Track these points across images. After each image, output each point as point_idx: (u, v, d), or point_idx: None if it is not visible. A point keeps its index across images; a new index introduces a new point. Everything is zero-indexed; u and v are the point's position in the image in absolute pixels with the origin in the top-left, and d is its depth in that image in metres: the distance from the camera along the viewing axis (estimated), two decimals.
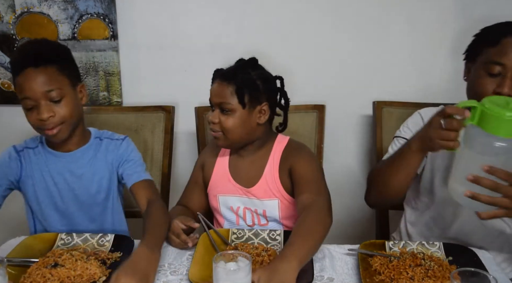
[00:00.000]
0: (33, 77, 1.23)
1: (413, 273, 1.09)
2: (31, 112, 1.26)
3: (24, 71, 1.23)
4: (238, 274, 0.96)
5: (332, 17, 1.86)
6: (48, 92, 1.24)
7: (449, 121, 1.03)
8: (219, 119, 1.37)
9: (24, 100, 1.25)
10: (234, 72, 1.38)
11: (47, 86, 1.24)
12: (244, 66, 1.41)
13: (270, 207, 1.43)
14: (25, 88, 1.23)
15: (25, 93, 1.23)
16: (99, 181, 1.40)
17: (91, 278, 1.09)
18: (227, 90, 1.36)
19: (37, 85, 1.23)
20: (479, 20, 1.82)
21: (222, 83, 1.37)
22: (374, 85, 1.91)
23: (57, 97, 1.26)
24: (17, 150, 1.40)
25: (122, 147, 1.43)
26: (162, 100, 1.88)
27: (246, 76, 1.37)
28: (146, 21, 1.88)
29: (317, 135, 1.81)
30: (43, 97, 1.24)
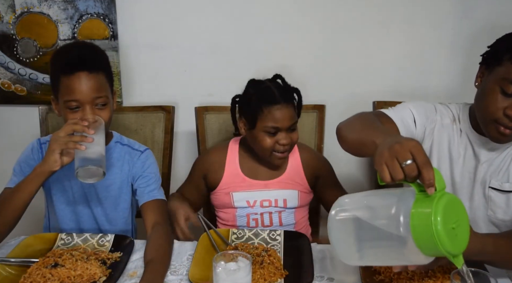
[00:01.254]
0: (86, 81, 1.23)
1: (413, 273, 1.09)
2: (74, 113, 1.25)
3: (77, 73, 1.23)
4: (238, 274, 0.96)
5: (332, 17, 1.86)
6: (96, 98, 1.25)
7: (412, 168, 0.86)
8: (290, 138, 1.42)
9: (69, 102, 1.24)
10: (288, 92, 1.44)
11: (97, 93, 1.25)
12: (285, 84, 1.47)
13: (290, 196, 1.50)
14: (75, 91, 1.23)
15: (75, 96, 1.23)
16: (109, 186, 1.39)
17: (91, 278, 1.09)
18: (293, 110, 1.43)
19: (88, 90, 1.24)
20: (479, 21, 1.83)
21: (288, 106, 1.41)
22: (374, 85, 1.91)
23: (103, 104, 1.27)
24: (41, 142, 1.40)
25: (140, 161, 1.41)
26: (162, 100, 1.88)
27: (293, 90, 1.47)
28: (146, 21, 1.88)
29: (317, 135, 1.81)
30: (90, 102, 1.24)
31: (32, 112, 1.84)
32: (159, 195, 1.39)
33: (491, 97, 1.15)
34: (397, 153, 0.88)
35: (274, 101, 1.38)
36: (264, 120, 1.39)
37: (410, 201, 0.87)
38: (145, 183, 1.39)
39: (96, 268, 1.11)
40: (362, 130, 1.12)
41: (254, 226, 1.51)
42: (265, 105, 1.38)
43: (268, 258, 1.15)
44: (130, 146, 1.43)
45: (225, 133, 1.79)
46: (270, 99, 1.39)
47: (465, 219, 0.89)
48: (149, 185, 1.39)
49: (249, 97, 1.44)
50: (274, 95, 1.39)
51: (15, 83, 1.95)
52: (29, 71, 1.93)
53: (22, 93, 1.96)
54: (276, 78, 1.47)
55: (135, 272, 1.16)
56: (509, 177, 1.24)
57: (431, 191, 0.84)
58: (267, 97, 1.40)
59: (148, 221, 1.32)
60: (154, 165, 1.44)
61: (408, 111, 1.30)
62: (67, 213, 1.41)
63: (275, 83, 1.45)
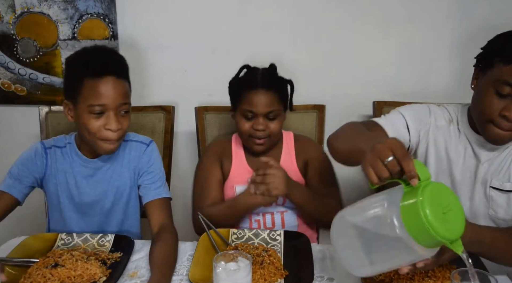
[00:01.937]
0: (114, 86, 1.21)
1: (413, 273, 1.09)
2: (97, 119, 1.21)
3: (105, 78, 1.20)
4: (238, 274, 0.96)
5: (332, 17, 1.86)
6: (122, 104, 1.23)
7: (393, 164, 0.88)
8: (266, 125, 1.42)
9: (94, 106, 1.20)
10: (272, 79, 1.44)
11: (123, 99, 1.23)
12: (273, 72, 1.48)
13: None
14: (102, 95, 1.19)
15: (101, 100, 1.20)
16: (119, 188, 1.37)
17: (91, 278, 1.09)
18: (273, 98, 1.41)
19: (116, 96, 1.21)
20: (479, 20, 1.83)
21: (267, 92, 1.40)
22: (374, 85, 1.91)
23: (127, 109, 1.26)
24: (45, 146, 1.36)
25: (146, 155, 1.38)
26: (162, 100, 1.88)
27: (282, 82, 1.47)
28: (146, 21, 1.88)
29: (317, 135, 1.81)
30: (115, 108, 1.22)
31: (32, 112, 1.84)
32: (165, 192, 1.36)
33: (486, 99, 1.16)
34: (379, 152, 0.90)
35: (253, 85, 1.40)
36: (242, 103, 1.42)
37: (399, 198, 0.88)
38: (150, 180, 1.36)
39: (96, 268, 1.11)
40: (350, 140, 1.14)
41: (257, 227, 1.50)
42: (245, 88, 1.42)
43: (268, 258, 1.15)
44: (134, 140, 1.40)
45: (225, 133, 1.79)
46: (250, 83, 1.41)
47: (456, 204, 0.89)
48: (154, 182, 1.36)
49: (235, 81, 1.49)
50: (256, 80, 1.41)
51: (15, 83, 1.95)
52: (29, 71, 1.93)
53: (22, 93, 1.96)
54: (270, 67, 1.50)
55: (135, 272, 1.16)
56: (510, 177, 1.24)
57: (414, 182, 0.85)
58: (248, 81, 1.43)
59: (154, 221, 1.30)
60: (159, 159, 1.41)
61: (399, 117, 1.32)
62: (78, 219, 1.39)
63: (265, 70, 1.47)
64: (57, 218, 1.41)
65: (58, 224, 1.41)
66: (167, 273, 1.12)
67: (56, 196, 1.37)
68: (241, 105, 1.42)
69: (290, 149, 1.55)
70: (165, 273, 1.12)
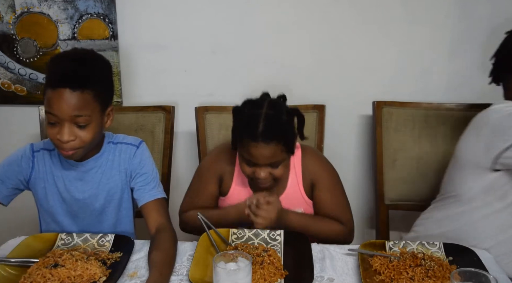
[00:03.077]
0: (66, 99, 1.16)
1: (413, 273, 1.09)
2: (53, 127, 1.20)
3: (58, 89, 1.16)
4: (238, 274, 0.96)
5: (332, 17, 1.86)
6: (76, 116, 1.19)
7: None
8: (269, 173, 1.32)
9: (48, 114, 1.19)
10: (275, 128, 1.28)
11: (77, 111, 1.18)
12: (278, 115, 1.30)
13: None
14: (53, 106, 1.17)
15: (53, 111, 1.17)
16: (110, 190, 1.36)
17: (91, 278, 1.09)
18: (276, 149, 1.28)
19: (67, 108, 1.17)
20: (479, 20, 1.83)
21: (269, 145, 1.26)
22: (374, 85, 1.91)
23: (83, 123, 1.20)
24: (34, 149, 1.36)
25: (137, 157, 1.36)
26: (162, 100, 1.88)
27: (285, 127, 1.31)
28: (146, 21, 1.88)
29: (317, 135, 1.81)
30: (69, 120, 1.18)
31: (32, 112, 1.84)
32: (160, 193, 1.35)
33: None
34: None
35: (253, 137, 1.26)
36: (243, 149, 1.31)
37: None
38: (143, 182, 1.35)
39: (96, 268, 1.11)
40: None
41: None
42: (245, 137, 1.29)
43: (268, 258, 1.15)
44: (123, 142, 1.38)
45: (225, 133, 1.79)
46: (250, 134, 1.27)
47: None
48: (148, 183, 1.35)
49: (237, 119, 1.36)
50: (256, 131, 1.25)
51: (15, 83, 1.95)
52: (29, 71, 1.93)
53: (22, 93, 1.96)
54: (280, 99, 1.37)
55: (135, 272, 1.16)
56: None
57: None
58: (248, 130, 1.28)
59: (152, 222, 1.30)
60: (150, 159, 1.39)
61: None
62: (69, 222, 1.38)
63: (268, 111, 1.29)
64: (48, 221, 1.41)
65: (49, 226, 1.41)
66: (165, 273, 1.12)
67: (46, 199, 1.36)
68: (242, 150, 1.32)
69: (297, 169, 1.44)
70: (163, 273, 1.12)
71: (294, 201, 1.44)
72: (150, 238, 1.27)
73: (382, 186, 1.80)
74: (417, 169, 1.79)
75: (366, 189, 2.02)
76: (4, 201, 1.35)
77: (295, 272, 1.13)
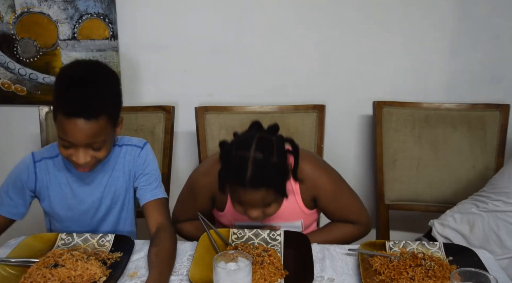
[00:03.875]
0: (81, 128, 1.14)
1: (413, 273, 1.09)
2: (67, 149, 1.19)
3: (72, 119, 1.13)
4: (238, 274, 0.96)
5: (332, 17, 1.86)
6: (92, 143, 1.19)
7: None
8: (262, 213, 1.24)
9: (62, 139, 1.18)
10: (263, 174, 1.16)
11: (93, 138, 1.17)
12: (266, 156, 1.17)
13: (294, 226, 1.43)
14: (68, 134, 1.15)
15: (68, 138, 1.16)
16: (116, 191, 1.37)
17: (92, 278, 1.09)
18: (266, 194, 1.19)
19: (83, 137, 1.16)
20: (479, 20, 1.83)
21: (258, 191, 1.17)
22: (374, 85, 1.91)
23: (99, 146, 1.21)
24: (35, 160, 1.34)
25: (141, 158, 1.36)
26: (162, 100, 1.88)
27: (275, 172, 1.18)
28: (146, 21, 1.88)
29: (317, 135, 1.81)
30: (84, 145, 1.18)
31: (32, 112, 1.84)
32: (161, 193, 1.36)
33: None
34: None
35: (241, 184, 1.16)
36: (232, 192, 1.24)
37: None
38: (146, 181, 1.36)
39: (96, 268, 1.11)
40: None
41: None
42: (234, 182, 1.19)
43: (268, 258, 1.15)
44: (128, 144, 1.38)
45: (225, 133, 1.79)
46: (238, 180, 1.16)
47: None
48: (150, 183, 1.36)
49: (225, 160, 1.22)
50: (244, 177, 1.14)
51: (15, 83, 1.95)
52: (29, 71, 1.93)
53: (22, 93, 1.96)
54: (272, 131, 1.24)
55: (136, 272, 1.16)
56: None
57: None
58: (236, 175, 1.16)
59: (152, 221, 1.30)
60: (154, 160, 1.40)
61: None
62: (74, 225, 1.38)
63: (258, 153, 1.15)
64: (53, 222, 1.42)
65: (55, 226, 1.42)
66: (164, 273, 1.12)
67: (50, 207, 1.37)
68: (231, 192, 1.25)
69: (294, 185, 1.37)
70: (163, 272, 1.12)
71: (291, 214, 1.40)
72: (150, 237, 1.27)
73: (382, 186, 1.80)
74: (417, 169, 1.79)
75: (366, 189, 2.02)
76: (19, 217, 1.35)
77: (295, 272, 1.13)
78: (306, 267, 1.14)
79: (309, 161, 1.38)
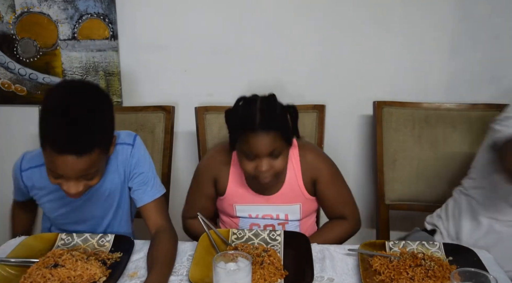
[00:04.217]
0: (72, 163, 1.08)
1: (413, 273, 1.09)
2: (56, 179, 1.14)
3: (63, 156, 1.06)
4: (238, 275, 0.96)
5: (332, 17, 1.86)
6: (84, 175, 1.13)
7: None
8: (270, 165, 1.32)
9: (51, 171, 1.12)
10: (272, 118, 1.31)
11: (85, 171, 1.11)
12: (272, 107, 1.34)
13: (292, 210, 1.47)
14: (58, 169, 1.09)
15: (58, 172, 1.10)
16: (111, 193, 1.34)
17: (91, 278, 1.09)
18: (275, 137, 1.30)
19: (75, 172, 1.10)
20: (479, 20, 1.83)
21: (268, 134, 1.29)
22: (374, 85, 1.91)
23: (92, 177, 1.16)
24: (21, 169, 1.33)
25: (134, 157, 1.31)
26: (162, 100, 1.88)
27: (281, 118, 1.34)
28: (146, 21, 1.88)
29: (317, 135, 1.81)
30: (76, 177, 1.13)
31: (32, 112, 1.84)
32: (158, 192, 1.34)
33: None
34: None
35: (252, 128, 1.28)
36: (242, 144, 1.32)
37: None
38: (141, 182, 1.33)
39: (96, 268, 1.11)
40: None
41: None
42: (243, 130, 1.31)
43: (268, 258, 1.15)
44: (119, 143, 1.31)
45: (225, 133, 1.78)
46: (248, 127, 1.29)
47: None
48: (146, 183, 1.33)
49: (232, 117, 1.37)
50: (254, 122, 1.28)
51: (15, 83, 1.95)
52: (29, 71, 1.93)
53: (22, 93, 1.96)
54: (270, 97, 1.36)
55: (135, 272, 1.16)
56: None
57: None
58: (246, 123, 1.30)
59: (151, 223, 1.30)
60: (146, 156, 1.35)
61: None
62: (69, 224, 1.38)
63: (263, 104, 1.32)
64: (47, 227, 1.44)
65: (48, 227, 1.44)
66: (164, 273, 1.12)
67: (44, 209, 1.38)
68: (241, 146, 1.33)
69: (296, 165, 1.46)
70: (162, 272, 1.12)
71: (292, 196, 1.45)
72: (150, 238, 1.27)
73: (382, 186, 1.80)
74: (417, 169, 1.79)
75: (366, 189, 2.02)
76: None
77: (295, 272, 1.13)
78: (306, 267, 1.14)
79: (311, 149, 1.51)
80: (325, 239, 1.36)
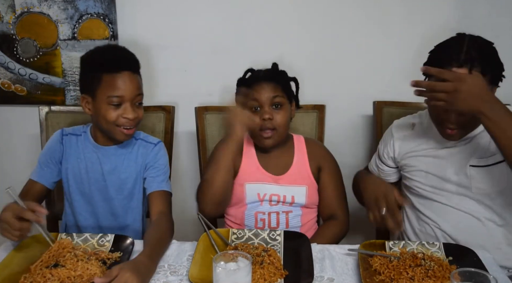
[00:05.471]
0: (130, 80, 1.36)
1: (413, 273, 1.09)
2: (115, 110, 1.35)
3: (122, 72, 1.35)
4: (238, 274, 0.96)
5: (332, 17, 1.86)
6: (137, 96, 1.38)
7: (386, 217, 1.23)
8: (271, 115, 1.45)
9: (112, 97, 1.34)
10: (275, 72, 1.54)
11: (138, 91, 1.38)
12: (275, 68, 1.56)
13: (299, 193, 1.53)
14: (120, 88, 1.34)
15: (120, 92, 1.34)
16: (124, 179, 1.46)
17: (91, 278, 1.08)
18: (277, 87, 1.48)
19: (132, 88, 1.36)
20: (479, 21, 1.83)
21: (271, 83, 1.48)
22: (374, 85, 1.91)
23: (140, 101, 1.40)
24: (63, 133, 1.49)
25: (153, 152, 1.48)
26: (162, 100, 1.88)
27: (285, 76, 1.55)
28: (146, 21, 1.88)
29: (317, 135, 1.81)
30: (131, 99, 1.36)
31: (32, 112, 1.84)
32: (167, 187, 1.45)
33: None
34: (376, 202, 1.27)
35: (257, 79, 1.49)
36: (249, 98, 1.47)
37: None
38: (155, 173, 1.45)
39: (96, 268, 1.11)
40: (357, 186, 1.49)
41: (261, 227, 1.52)
42: (249, 84, 1.50)
43: (268, 258, 1.15)
44: (144, 140, 1.50)
45: (225, 133, 1.79)
46: (254, 79, 1.51)
47: None
48: (158, 176, 1.45)
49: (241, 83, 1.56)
50: (258, 74, 1.52)
51: (15, 83, 1.95)
52: (29, 71, 1.93)
53: (22, 93, 1.96)
54: (272, 66, 1.56)
55: None
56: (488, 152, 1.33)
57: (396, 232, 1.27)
58: (252, 78, 1.52)
59: (154, 209, 1.39)
60: (165, 157, 1.51)
61: (374, 160, 1.59)
62: (83, 204, 1.48)
63: (267, 70, 1.54)
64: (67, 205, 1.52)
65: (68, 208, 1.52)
66: (156, 250, 1.19)
67: (66, 179, 1.47)
68: (248, 100, 1.47)
69: (302, 151, 1.58)
70: (155, 249, 1.19)
71: (299, 177, 1.54)
72: (150, 224, 1.34)
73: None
74: None
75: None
76: (50, 185, 1.46)
77: (295, 272, 1.13)
78: (306, 267, 1.14)
79: (317, 142, 1.70)
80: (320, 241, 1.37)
